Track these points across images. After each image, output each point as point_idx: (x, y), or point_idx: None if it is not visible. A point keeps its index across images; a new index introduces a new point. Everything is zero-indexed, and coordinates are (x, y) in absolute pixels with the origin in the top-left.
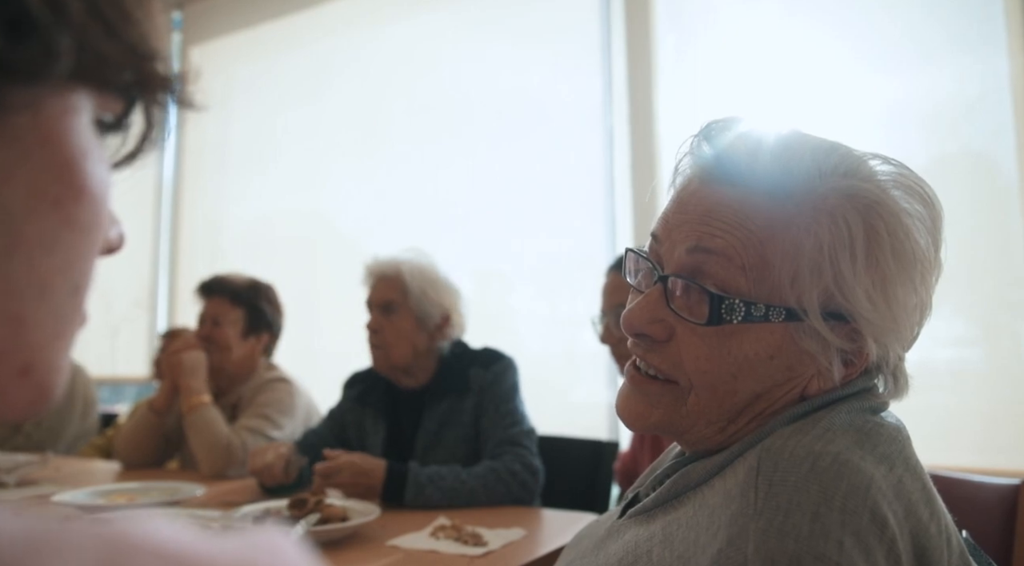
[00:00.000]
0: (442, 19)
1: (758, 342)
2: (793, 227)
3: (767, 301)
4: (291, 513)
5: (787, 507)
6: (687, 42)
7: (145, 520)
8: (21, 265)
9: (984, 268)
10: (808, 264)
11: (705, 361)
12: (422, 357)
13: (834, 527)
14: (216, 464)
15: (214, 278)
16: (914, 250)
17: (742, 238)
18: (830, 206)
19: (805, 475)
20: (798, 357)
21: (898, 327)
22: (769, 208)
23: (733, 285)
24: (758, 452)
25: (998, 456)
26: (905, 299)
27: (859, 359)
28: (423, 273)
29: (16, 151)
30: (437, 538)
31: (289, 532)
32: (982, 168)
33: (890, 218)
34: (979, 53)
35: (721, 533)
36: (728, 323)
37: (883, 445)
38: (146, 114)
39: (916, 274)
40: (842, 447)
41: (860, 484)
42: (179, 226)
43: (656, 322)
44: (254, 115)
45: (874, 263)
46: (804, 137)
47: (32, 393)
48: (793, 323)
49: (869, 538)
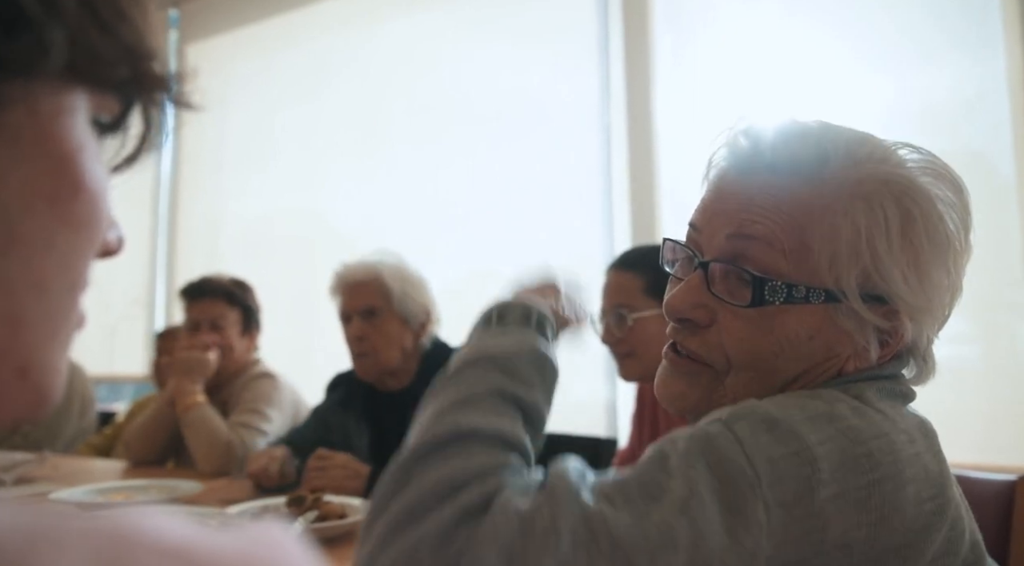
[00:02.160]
0: (439, 18)
1: (799, 323)
2: (831, 212)
3: (807, 283)
4: (289, 510)
5: (788, 402)
6: (685, 42)
7: (145, 514)
8: (17, 263)
9: (982, 267)
10: (846, 247)
11: (748, 342)
12: (409, 358)
13: (824, 431)
14: (216, 462)
15: (203, 280)
16: (947, 233)
17: (782, 223)
18: (866, 191)
19: (821, 404)
20: (836, 337)
21: (932, 307)
22: (807, 194)
23: (774, 269)
24: None
25: (996, 454)
26: (939, 280)
27: (895, 339)
28: (402, 274)
29: (11, 148)
30: None
31: (289, 526)
32: (980, 167)
33: (924, 202)
34: (977, 53)
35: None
36: (771, 305)
37: (905, 423)
38: (144, 115)
39: (949, 256)
40: (867, 408)
41: (868, 430)
42: (177, 224)
43: (699, 307)
44: (252, 113)
45: (909, 245)
46: (836, 127)
47: (31, 395)
48: (832, 304)
49: (854, 463)
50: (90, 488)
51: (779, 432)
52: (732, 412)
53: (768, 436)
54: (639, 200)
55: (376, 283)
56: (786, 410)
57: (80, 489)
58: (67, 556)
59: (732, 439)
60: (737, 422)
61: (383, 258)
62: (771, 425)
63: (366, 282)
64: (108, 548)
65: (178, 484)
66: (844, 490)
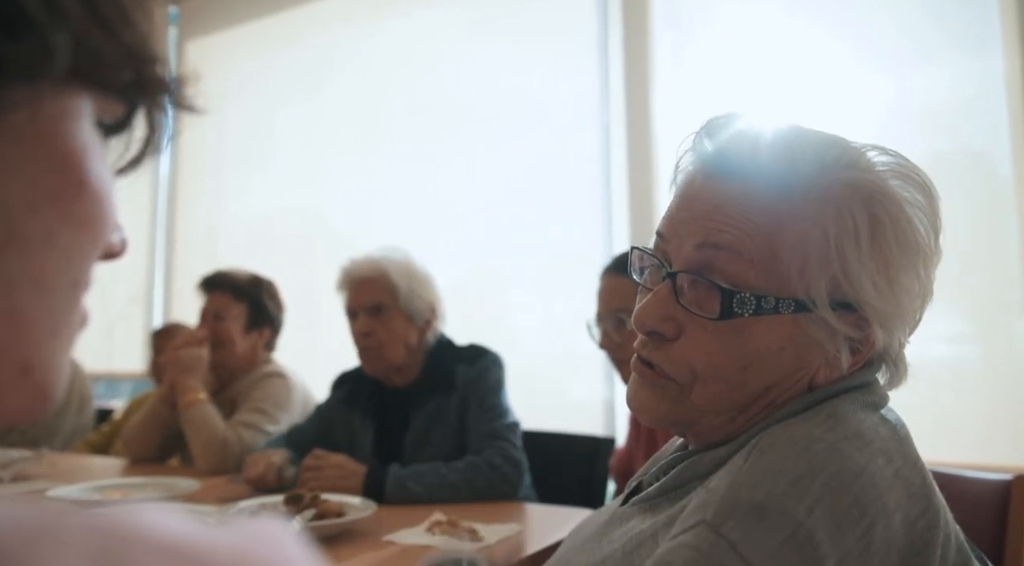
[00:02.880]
0: (439, 17)
1: (769, 333)
2: (799, 219)
3: (776, 293)
4: (287, 508)
5: (768, 469)
6: (684, 41)
7: (143, 511)
8: (18, 260)
9: (980, 266)
10: (816, 255)
11: (716, 355)
12: (413, 354)
13: (811, 495)
14: (212, 460)
15: (216, 273)
16: (916, 237)
17: (750, 232)
18: (834, 197)
19: (797, 452)
20: (807, 347)
21: (903, 313)
22: (774, 201)
23: (742, 279)
24: (760, 435)
25: (993, 453)
26: (909, 285)
27: (865, 347)
28: (408, 271)
29: (15, 148)
30: (433, 533)
31: (287, 523)
32: (978, 167)
33: (892, 207)
34: (976, 53)
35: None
36: (739, 317)
37: (880, 441)
38: (148, 118)
39: (919, 261)
40: (840, 436)
41: (850, 470)
42: (175, 222)
43: (667, 320)
44: (251, 111)
45: (879, 251)
46: (804, 131)
47: (32, 394)
48: (802, 314)
49: (844, 517)
50: (87, 486)
51: (770, 519)
52: (716, 511)
53: (760, 527)
54: (638, 199)
55: (383, 280)
56: (768, 484)
57: (77, 487)
58: (68, 553)
59: (726, 547)
60: (725, 523)
61: (389, 254)
62: (760, 514)
63: (373, 278)
64: (108, 545)
65: (176, 482)
66: (846, 552)
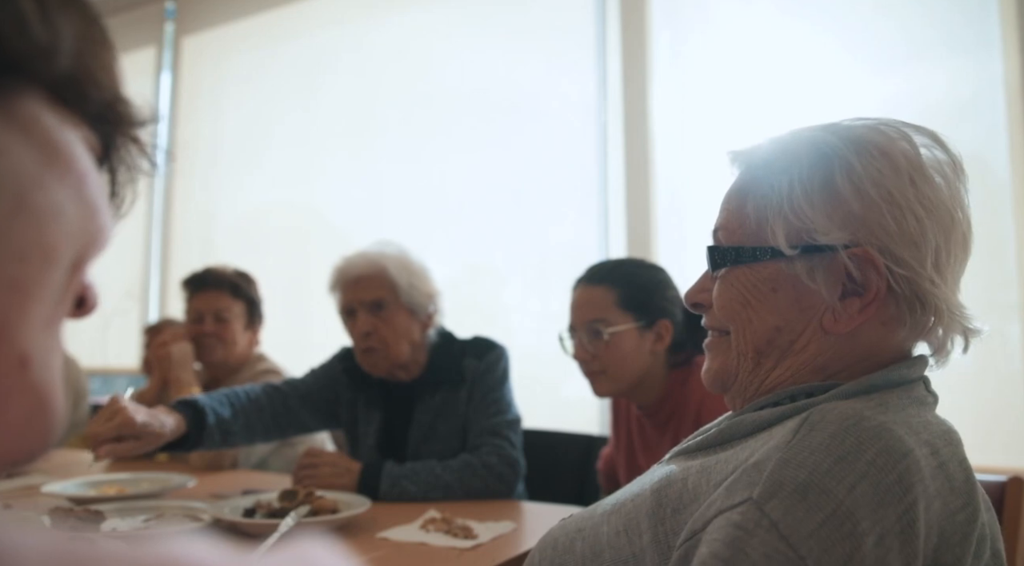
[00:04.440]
0: (435, 14)
1: (756, 276)
2: (760, 182)
3: (751, 244)
4: (281, 504)
5: (816, 447)
6: (682, 39)
7: (183, 543)
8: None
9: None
10: (774, 209)
11: (721, 298)
12: (418, 349)
13: (854, 473)
14: (206, 456)
15: (207, 271)
16: (873, 176)
17: (733, 209)
18: (792, 155)
19: (846, 428)
20: (800, 290)
21: (882, 248)
22: (751, 176)
23: (732, 242)
24: (811, 409)
25: (988, 454)
26: (874, 217)
27: (868, 292)
28: (405, 264)
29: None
30: (427, 531)
31: (329, 543)
32: (974, 169)
33: (845, 153)
34: (973, 54)
35: (754, 456)
36: (724, 267)
37: (928, 434)
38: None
39: (873, 192)
40: (891, 419)
41: (897, 449)
42: (171, 217)
43: (703, 291)
44: (247, 107)
45: (834, 197)
46: (825, 125)
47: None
48: (782, 260)
49: (886, 495)
50: (82, 480)
51: (812, 497)
52: (762, 489)
53: (803, 506)
54: (634, 197)
55: (381, 276)
56: (814, 462)
57: (72, 482)
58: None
59: (768, 526)
60: (769, 501)
61: (384, 249)
62: (803, 492)
63: (370, 275)
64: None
65: (169, 477)
66: (888, 528)
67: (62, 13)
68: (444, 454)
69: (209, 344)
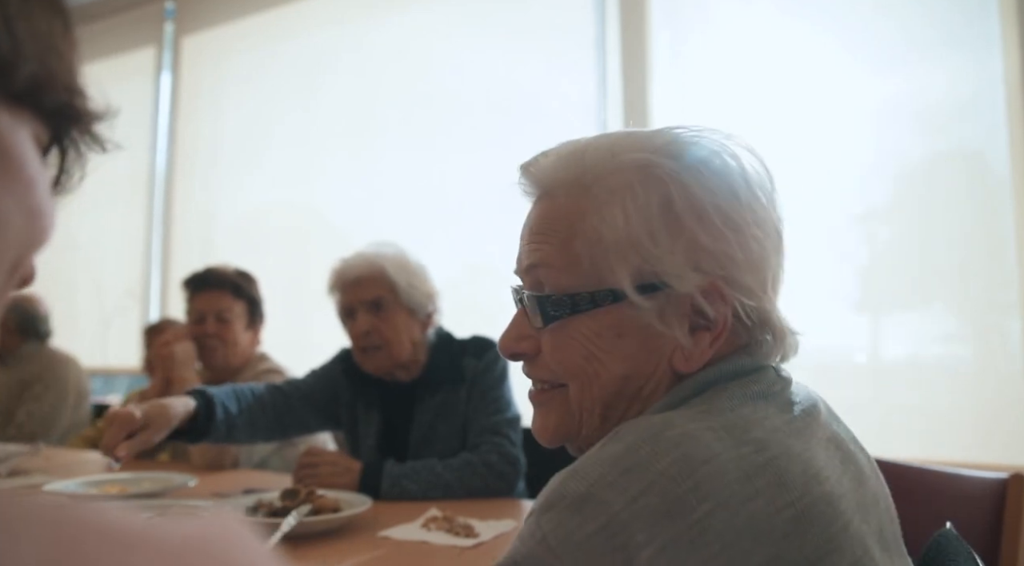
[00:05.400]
0: (435, 13)
1: (596, 325)
2: (589, 215)
3: (590, 289)
4: (283, 503)
5: (605, 458)
6: (682, 39)
7: (96, 505)
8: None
9: (975, 267)
10: (612, 244)
11: (559, 353)
12: (418, 349)
13: (639, 484)
14: (208, 456)
15: (209, 271)
16: (713, 200)
17: (554, 243)
18: (616, 185)
19: (644, 439)
20: (646, 333)
21: (728, 278)
22: (569, 206)
23: (560, 287)
24: (621, 424)
25: (988, 452)
26: (719, 246)
27: (717, 325)
28: (404, 265)
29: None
30: (428, 529)
31: (242, 515)
32: (974, 167)
33: (683, 178)
34: (973, 52)
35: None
36: (560, 318)
37: (760, 431)
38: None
39: (716, 219)
40: (704, 425)
41: (697, 456)
42: (171, 217)
43: (523, 339)
44: (247, 106)
45: (672, 225)
46: (612, 133)
47: None
48: (623, 303)
49: (675, 505)
50: (84, 480)
51: (588, 509)
52: (542, 501)
53: (577, 518)
54: None
55: (380, 276)
56: (600, 474)
57: (74, 481)
58: (20, 544)
59: (540, 537)
60: (545, 513)
61: (382, 249)
62: (580, 504)
63: (370, 276)
64: (61, 537)
65: (171, 477)
66: (671, 538)
67: (23, 18)
68: (444, 454)
69: (211, 345)
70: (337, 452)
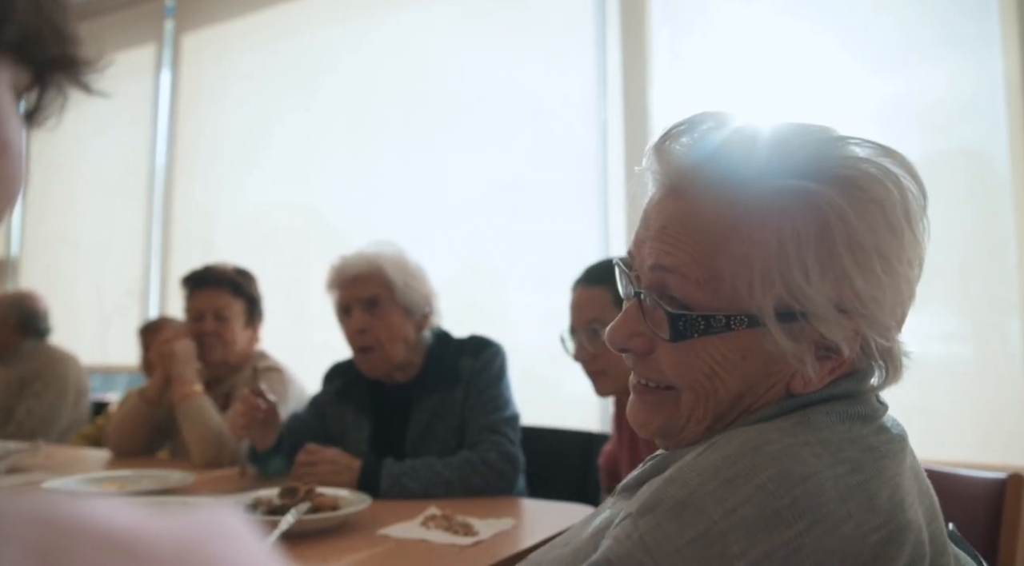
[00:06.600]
0: (435, 12)
1: (724, 347)
2: (741, 235)
3: (727, 311)
4: (282, 501)
5: (704, 467)
6: (682, 38)
7: (88, 503)
8: None
9: (975, 266)
10: (759, 271)
11: (680, 367)
12: (413, 350)
13: (738, 495)
14: (208, 453)
15: (206, 269)
16: (875, 241)
17: (693, 253)
18: (778, 209)
19: (743, 452)
20: (771, 357)
21: (871, 318)
22: (714, 216)
23: (693, 300)
24: (721, 433)
25: (988, 451)
26: (871, 291)
27: (838, 355)
28: (402, 265)
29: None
30: (427, 528)
31: (237, 510)
32: (975, 166)
33: (840, 210)
34: (974, 52)
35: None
36: (690, 338)
37: (855, 450)
38: (45, 91)
39: (876, 264)
40: (801, 441)
41: (795, 472)
42: (171, 215)
43: (635, 336)
44: (247, 104)
45: (827, 263)
46: (758, 134)
47: None
48: (758, 328)
49: (772, 520)
50: (83, 477)
51: (687, 516)
52: (642, 503)
53: (676, 524)
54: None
55: (377, 274)
56: (700, 482)
57: (73, 478)
58: (7, 544)
59: (637, 539)
60: (643, 516)
61: (381, 249)
62: (679, 511)
63: (367, 274)
64: (49, 536)
65: (170, 474)
66: (766, 552)
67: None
68: (441, 454)
69: (210, 343)
70: (337, 450)
